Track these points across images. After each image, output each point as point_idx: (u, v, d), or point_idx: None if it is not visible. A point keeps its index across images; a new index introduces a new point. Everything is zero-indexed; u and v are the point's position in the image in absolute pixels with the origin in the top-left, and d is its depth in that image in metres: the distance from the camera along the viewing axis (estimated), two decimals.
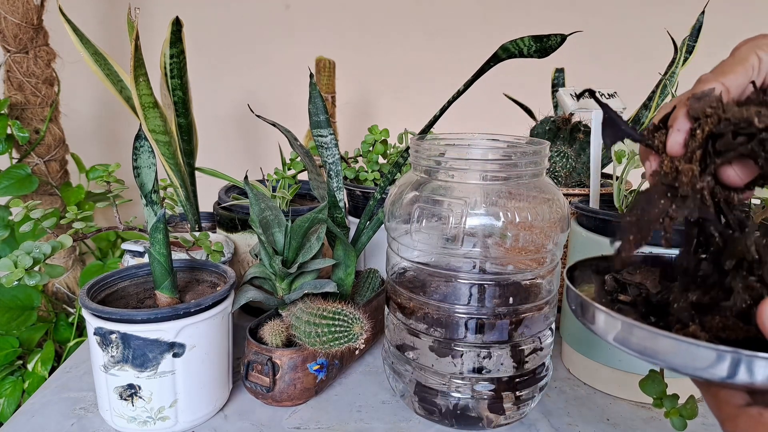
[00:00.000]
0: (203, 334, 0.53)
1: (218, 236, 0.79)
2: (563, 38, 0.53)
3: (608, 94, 0.76)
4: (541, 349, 0.55)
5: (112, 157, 1.33)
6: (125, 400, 0.52)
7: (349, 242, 0.63)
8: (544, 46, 0.54)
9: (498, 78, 0.51)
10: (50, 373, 0.91)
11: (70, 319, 1.11)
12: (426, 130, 0.58)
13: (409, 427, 0.56)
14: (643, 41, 1.25)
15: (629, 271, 0.40)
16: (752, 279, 0.30)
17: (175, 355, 0.52)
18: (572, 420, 0.57)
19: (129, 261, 0.70)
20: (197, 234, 0.69)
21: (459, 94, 0.57)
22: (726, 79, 0.32)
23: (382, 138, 0.85)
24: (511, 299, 0.51)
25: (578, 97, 0.77)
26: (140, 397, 0.52)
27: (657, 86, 0.84)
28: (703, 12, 0.73)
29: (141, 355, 0.50)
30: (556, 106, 0.92)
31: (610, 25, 1.32)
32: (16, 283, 0.54)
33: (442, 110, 0.58)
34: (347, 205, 0.84)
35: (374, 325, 0.59)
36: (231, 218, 0.79)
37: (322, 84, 1.08)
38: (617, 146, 0.64)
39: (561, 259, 0.56)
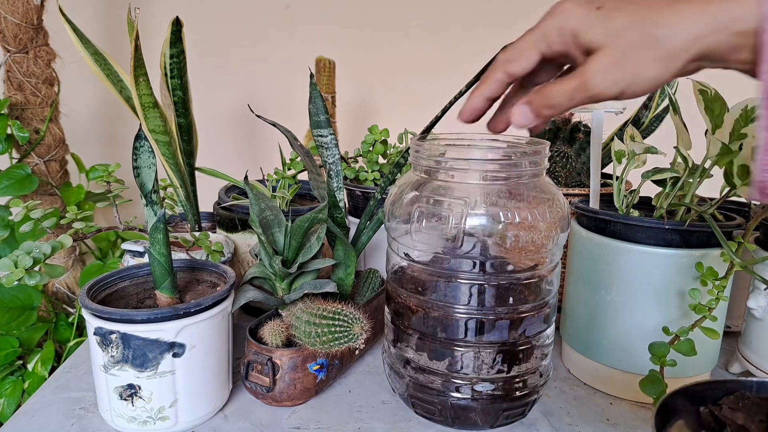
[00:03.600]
0: (203, 334, 0.53)
1: (218, 236, 0.79)
2: None
3: None
4: (541, 349, 0.55)
5: (112, 157, 1.32)
6: (125, 400, 0.52)
7: (349, 242, 0.63)
8: None
9: None
10: (50, 373, 0.91)
11: (70, 319, 1.11)
12: (427, 130, 0.58)
13: (409, 427, 0.56)
14: None
15: (731, 405, 0.37)
16: None
17: (175, 355, 0.52)
18: (572, 420, 0.57)
19: (129, 261, 0.70)
20: (197, 234, 0.69)
21: (460, 94, 0.57)
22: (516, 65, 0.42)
23: (382, 138, 0.85)
24: (511, 299, 0.51)
25: None
26: (140, 397, 0.52)
27: None
28: None
29: (141, 355, 0.50)
30: None
31: None
32: (16, 283, 0.54)
33: (444, 110, 0.58)
34: (347, 205, 0.84)
35: (374, 325, 0.59)
36: (231, 218, 0.79)
37: (322, 84, 1.08)
38: (617, 146, 0.65)
39: (561, 259, 0.56)
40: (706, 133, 0.58)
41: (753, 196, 0.37)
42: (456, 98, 0.59)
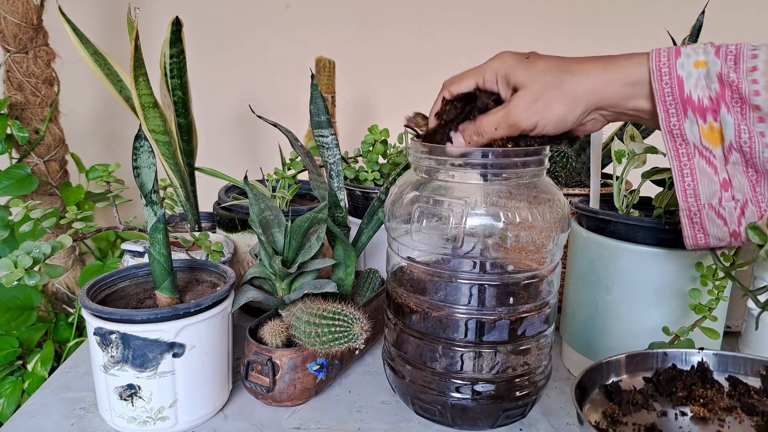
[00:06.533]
0: (203, 334, 0.53)
1: (218, 236, 0.79)
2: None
3: None
4: (541, 349, 0.55)
5: (112, 157, 1.32)
6: (125, 400, 0.52)
7: (349, 242, 0.63)
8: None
9: None
10: (50, 373, 0.91)
11: (70, 319, 1.11)
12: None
13: (409, 427, 0.56)
14: (643, 41, 1.25)
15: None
16: None
17: (175, 356, 0.52)
18: (572, 420, 0.57)
19: (129, 261, 0.70)
20: (197, 234, 0.69)
21: None
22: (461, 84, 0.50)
23: (382, 138, 0.85)
24: (511, 299, 0.51)
25: None
26: (140, 398, 0.52)
27: None
28: (703, 12, 0.73)
29: (141, 355, 0.50)
30: None
31: (611, 24, 1.32)
32: (15, 283, 0.54)
33: None
34: (347, 205, 0.84)
35: (374, 325, 0.58)
36: (231, 218, 0.79)
37: (322, 84, 1.08)
38: (617, 146, 0.64)
39: (561, 259, 0.56)
40: None
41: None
42: None
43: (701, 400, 0.44)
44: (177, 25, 0.72)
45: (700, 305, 0.54)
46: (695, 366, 0.47)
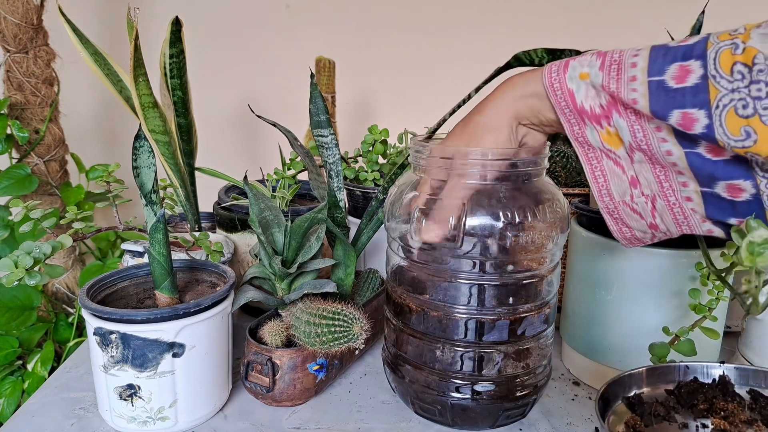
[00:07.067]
0: (203, 334, 0.53)
1: (218, 236, 0.79)
2: (578, 53, 0.53)
3: None
4: (541, 349, 0.55)
5: (112, 157, 1.33)
6: (125, 400, 0.52)
7: (349, 242, 0.63)
8: (556, 58, 0.54)
9: (501, 78, 0.52)
10: (50, 373, 0.91)
11: (70, 319, 1.11)
12: (434, 131, 0.59)
13: (409, 427, 0.56)
14: (643, 41, 1.25)
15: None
16: None
17: (174, 355, 0.52)
18: (572, 420, 0.57)
19: (129, 261, 0.70)
20: (197, 234, 0.69)
21: (469, 97, 0.57)
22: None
23: (382, 138, 0.85)
24: (510, 299, 0.51)
25: None
26: (140, 398, 0.52)
27: None
28: (703, 12, 0.73)
29: (141, 355, 0.50)
30: None
31: (611, 24, 1.32)
32: (16, 283, 0.54)
33: (452, 112, 0.58)
34: (347, 205, 0.84)
35: (374, 325, 0.58)
36: (231, 218, 0.79)
37: (322, 84, 1.08)
38: None
39: (561, 259, 0.56)
40: None
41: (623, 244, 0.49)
42: (464, 101, 0.59)
43: (722, 413, 0.44)
44: (177, 25, 0.72)
45: (700, 305, 0.54)
46: (716, 379, 0.48)
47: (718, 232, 0.43)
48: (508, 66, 0.57)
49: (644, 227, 0.46)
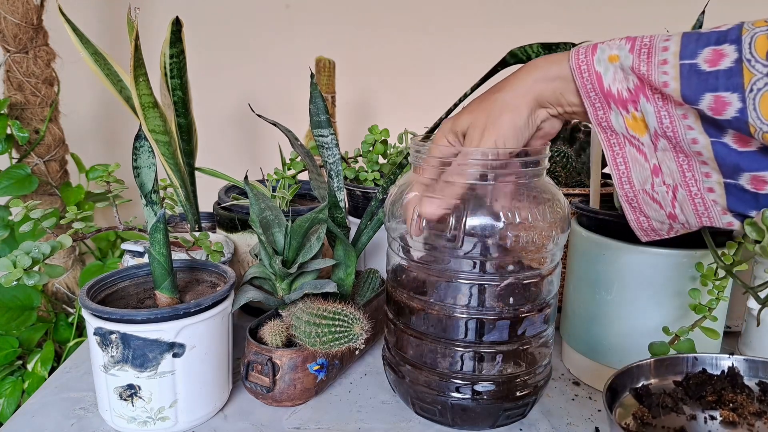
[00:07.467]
0: (203, 334, 0.53)
1: (218, 236, 0.79)
2: (573, 46, 0.53)
3: None
4: (541, 349, 0.55)
5: (112, 157, 1.32)
6: (125, 400, 0.52)
7: (349, 242, 0.63)
8: (552, 52, 0.54)
9: (500, 78, 0.52)
10: (50, 373, 0.91)
11: (70, 319, 1.11)
12: (432, 130, 0.59)
13: (409, 427, 0.56)
14: None
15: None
16: None
17: (175, 356, 0.52)
18: (572, 420, 0.57)
19: (129, 261, 0.70)
20: (197, 234, 0.69)
21: (465, 96, 0.57)
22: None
23: (382, 138, 0.85)
24: (511, 299, 0.51)
25: None
26: (140, 398, 0.52)
27: None
28: (703, 12, 0.73)
29: (141, 355, 0.50)
30: None
31: (611, 24, 1.32)
32: (15, 282, 0.54)
33: (448, 112, 0.58)
34: (347, 206, 0.84)
35: (374, 325, 0.58)
36: (231, 218, 0.79)
37: (322, 84, 1.08)
38: None
39: (561, 259, 0.56)
40: None
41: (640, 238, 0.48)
42: (461, 100, 0.59)
43: (731, 405, 0.44)
44: (177, 25, 0.72)
45: (700, 305, 0.54)
46: (725, 371, 0.47)
47: (737, 225, 0.43)
48: (503, 62, 0.57)
49: (663, 217, 0.46)
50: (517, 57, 0.56)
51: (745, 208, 0.42)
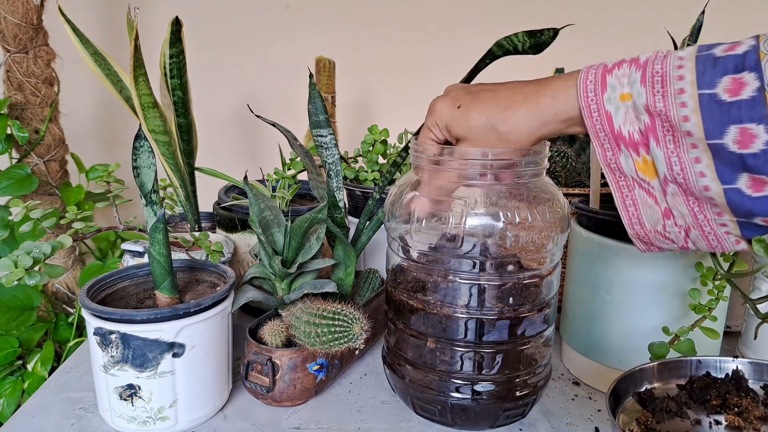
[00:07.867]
0: (203, 334, 0.53)
1: (218, 236, 0.79)
2: (555, 32, 0.53)
3: None
4: (542, 349, 0.55)
5: (112, 157, 1.32)
6: (125, 400, 0.52)
7: (348, 242, 0.63)
8: (537, 41, 0.54)
9: (499, 78, 0.52)
10: (50, 373, 0.91)
11: (70, 319, 1.11)
12: None
13: (409, 427, 0.56)
14: (643, 41, 1.25)
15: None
16: None
17: (174, 355, 0.52)
18: (572, 420, 0.57)
19: (129, 261, 0.70)
20: (197, 234, 0.69)
21: None
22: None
23: (382, 138, 0.85)
24: (511, 299, 0.51)
25: None
26: (140, 398, 0.52)
27: None
28: (703, 12, 0.73)
29: (141, 355, 0.50)
30: None
31: (611, 24, 1.32)
32: (15, 283, 0.54)
33: None
34: (347, 205, 0.84)
35: (374, 325, 0.58)
36: (231, 218, 0.79)
37: (322, 84, 1.08)
38: None
39: (561, 259, 0.56)
40: None
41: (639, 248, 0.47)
42: None
43: (736, 409, 0.43)
44: (177, 25, 0.72)
45: (699, 305, 0.54)
46: (730, 374, 0.46)
47: (745, 245, 0.42)
48: (490, 53, 0.56)
49: (675, 248, 0.45)
50: (504, 47, 0.55)
51: (759, 234, 0.40)
